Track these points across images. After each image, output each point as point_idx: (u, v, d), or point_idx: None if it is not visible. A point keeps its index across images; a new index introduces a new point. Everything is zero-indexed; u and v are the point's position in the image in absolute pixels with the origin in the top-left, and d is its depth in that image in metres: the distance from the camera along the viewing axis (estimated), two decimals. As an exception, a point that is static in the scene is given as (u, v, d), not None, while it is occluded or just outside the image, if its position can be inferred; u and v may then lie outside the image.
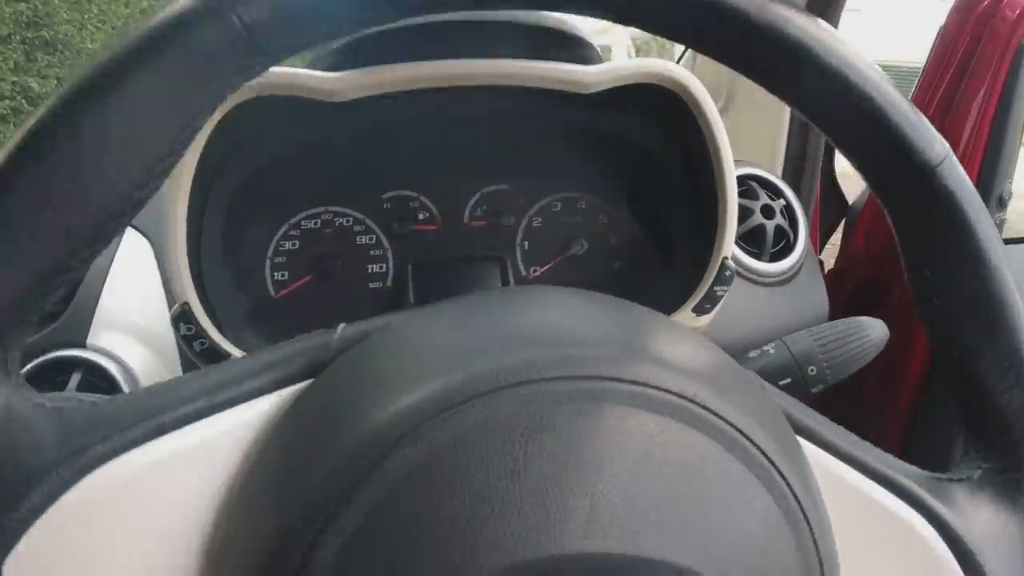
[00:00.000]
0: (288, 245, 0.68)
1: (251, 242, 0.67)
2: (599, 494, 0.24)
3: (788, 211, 0.75)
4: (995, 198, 0.95)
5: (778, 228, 0.73)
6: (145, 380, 0.64)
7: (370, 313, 0.66)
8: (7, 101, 4.58)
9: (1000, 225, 0.97)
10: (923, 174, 0.30)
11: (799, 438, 0.31)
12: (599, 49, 0.62)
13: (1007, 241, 1.16)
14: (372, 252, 0.69)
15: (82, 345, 0.64)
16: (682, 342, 0.30)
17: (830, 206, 1.11)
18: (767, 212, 0.73)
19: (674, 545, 0.24)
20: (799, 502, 0.26)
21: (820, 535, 0.27)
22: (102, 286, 0.66)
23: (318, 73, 0.52)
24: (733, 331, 0.69)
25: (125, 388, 0.63)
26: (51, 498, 0.25)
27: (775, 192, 0.76)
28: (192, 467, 0.27)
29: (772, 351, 0.50)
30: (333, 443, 0.25)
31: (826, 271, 1.13)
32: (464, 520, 0.23)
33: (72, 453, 0.26)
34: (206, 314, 0.56)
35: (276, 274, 0.67)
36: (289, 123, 0.59)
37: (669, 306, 0.63)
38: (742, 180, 0.74)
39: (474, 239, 0.70)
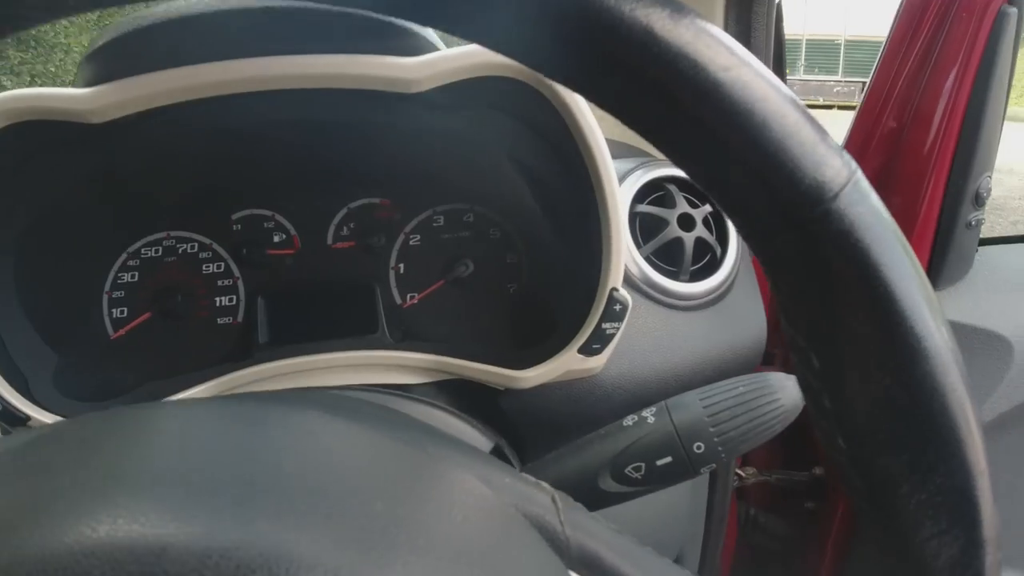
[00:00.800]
0: (127, 277, 0.59)
1: (80, 278, 0.58)
2: None
3: (716, 220, 0.65)
4: (970, 195, 0.84)
5: (700, 241, 0.63)
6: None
7: (218, 355, 0.57)
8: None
9: (976, 226, 0.86)
10: (814, 208, 0.18)
11: None
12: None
13: (1003, 240, 1.04)
14: (220, 282, 0.60)
15: None
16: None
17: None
18: (685, 223, 0.63)
19: None
20: None
21: None
22: None
23: (67, 91, 0.43)
24: (641, 367, 0.59)
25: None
26: None
27: (699, 196, 0.65)
28: None
29: (651, 420, 0.40)
30: None
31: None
32: None
33: None
34: (0, 373, 0.48)
35: (115, 311, 0.59)
36: (67, 149, 0.49)
37: (561, 341, 0.53)
38: (658, 184, 0.64)
39: (339, 264, 0.60)
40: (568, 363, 0.51)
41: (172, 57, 0.43)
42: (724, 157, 0.18)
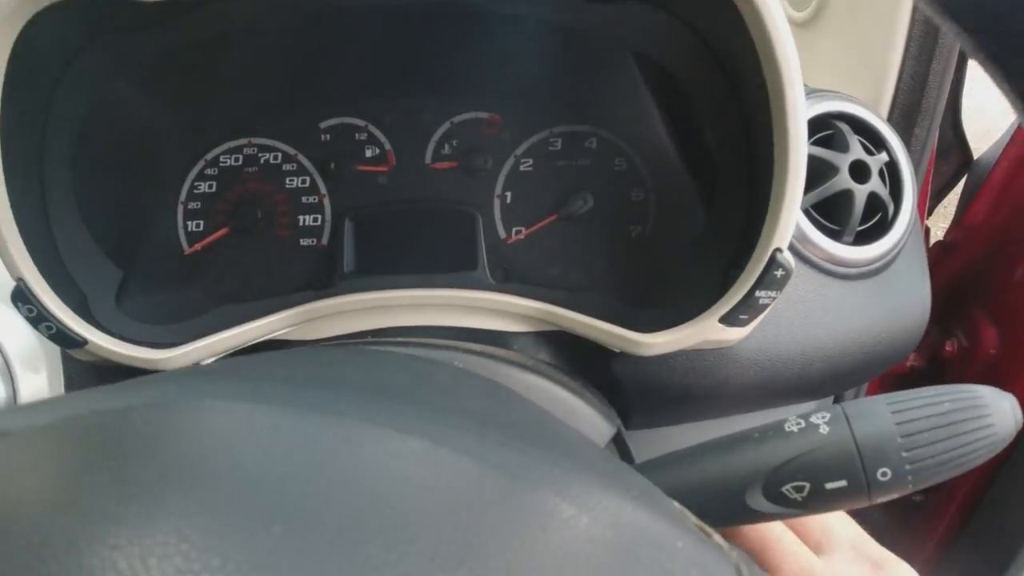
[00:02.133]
0: (204, 187, 0.53)
1: (157, 185, 0.52)
2: None
3: (891, 171, 0.53)
4: None
5: (872, 197, 0.51)
6: (17, 359, 0.51)
7: (300, 279, 0.51)
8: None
9: None
10: None
11: None
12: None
13: None
14: (304, 199, 0.53)
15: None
16: None
17: (947, 158, 0.84)
18: (858, 172, 0.51)
19: None
20: None
21: None
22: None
23: None
24: (785, 342, 0.49)
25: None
26: None
27: (875, 142, 0.54)
28: None
29: (825, 429, 0.30)
30: None
31: (931, 243, 0.88)
32: None
33: None
34: (55, 291, 0.42)
35: (189, 224, 0.53)
36: (132, 32, 0.42)
37: (696, 304, 0.43)
38: (826, 121, 0.53)
39: (437, 187, 0.52)
40: (705, 332, 0.42)
41: None
42: None
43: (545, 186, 0.51)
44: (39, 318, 0.42)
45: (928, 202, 0.88)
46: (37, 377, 0.52)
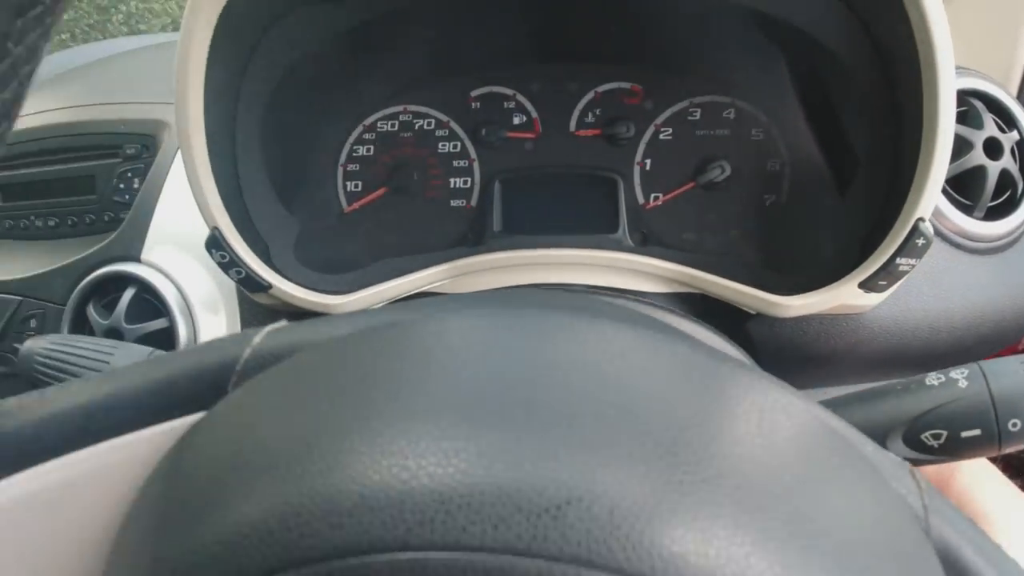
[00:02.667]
0: (362, 151, 0.58)
1: (318, 149, 0.57)
2: None
3: (1022, 149, 0.54)
4: None
5: (1004, 173, 0.53)
6: (199, 302, 0.58)
7: (451, 237, 0.55)
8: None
9: None
10: None
11: None
12: None
13: None
14: (456, 163, 0.57)
15: (136, 259, 0.58)
16: (782, 462, 0.16)
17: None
18: (991, 149, 0.52)
19: None
20: None
21: None
22: (157, 200, 0.59)
23: None
24: (914, 311, 0.51)
25: (175, 310, 0.57)
26: None
27: (1007, 120, 0.55)
28: (58, 511, 0.21)
29: (963, 383, 0.33)
30: (194, 533, 0.17)
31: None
32: None
33: None
34: (243, 239, 0.48)
35: (349, 184, 0.58)
36: (326, 4, 0.47)
37: (831, 270, 0.46)
38: (961, 97, 0.54)
39: (581, 153, 0.56)
40: (844, 296, 0.44)
41: None
42: None
43: (684, 154, 0.54)
44: (230, 263, 0.48)
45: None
46: (215, 318, 0.58)
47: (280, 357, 0.21)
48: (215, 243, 0.47)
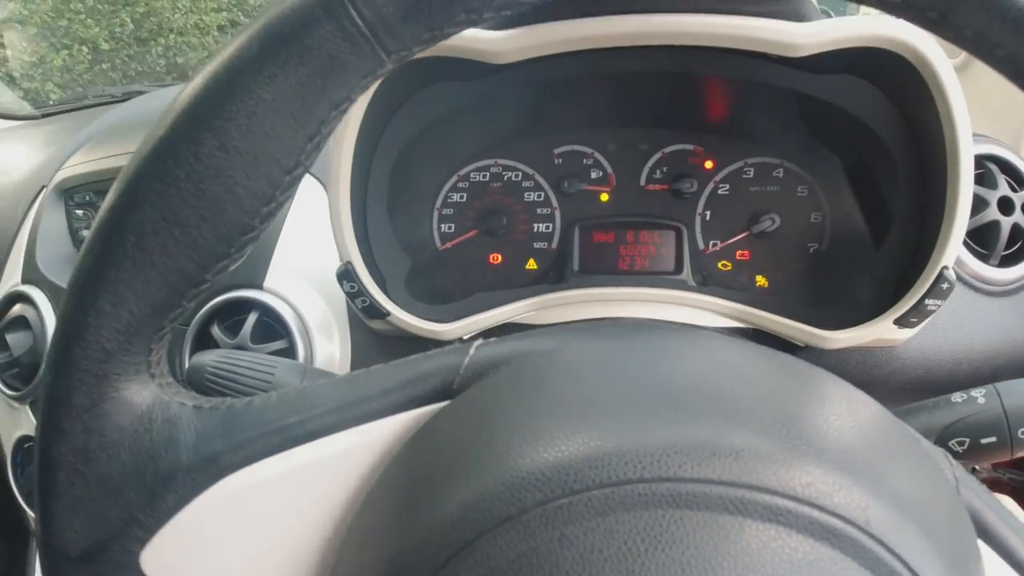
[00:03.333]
0: (456, 197, 0.66)
1: (420, 194, 0.66)
2: None
3: (1031, 205, 0.63)
4: None
5: (1015, 227, 0.61)
6: (315, 326, 0.66)
7: (534, 275, 0.64)
8: (224, 13, 4.94)
9: None
10: None
11: (983, 544, 0.26)
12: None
13: None
14: (539, 210, 0.66)
15: (259, 287, 0.67)
16: (862, 431, 0.24)
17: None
18: (1005, 206, 0.61)
19: None
20: None
21: None
22: (279, 232, 0.68)
23: (482, 33, 0.48)
24: (939, 345, 0.59)
25: (295, 332, 0.65)
26: (183, 500, 0.26)
27: (1019, 180, 0.63)
28: (314, 483, 0.28)
29: (982, 400, 0.42)
30: (439, 500, 0.23)
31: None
32: None
33: (205, 459, 0.26)
34: (368, 272, 0.56)
35: (443, 226, 0.67)
36: (456, 80, 0.56)
37: (868, 309, 0.54)
38: (978, 161, 0.62)
39: (650, 204, 0.64)
40: (881, 332, 0.53)
41: (571, 8, 0.48)
42: None
43: (739, 207, 0.63)
44: (357, 293, 0.56)
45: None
46: (330, 343, 0.67)
47: (491, 365, 0.29)
48: (347, 275, 0.55)
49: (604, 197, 0.65)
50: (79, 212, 0.85)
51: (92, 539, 0.26)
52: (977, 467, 1.00)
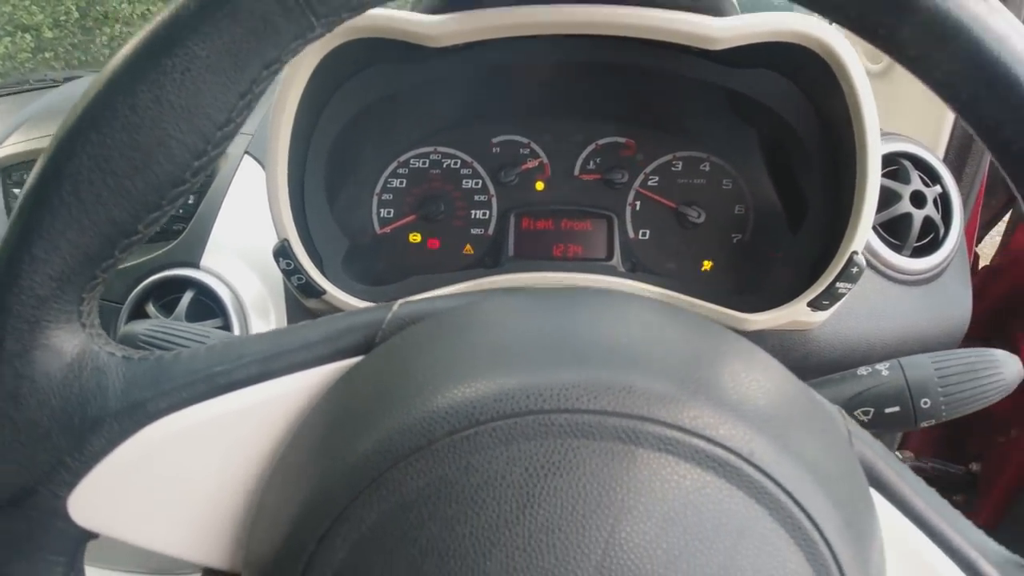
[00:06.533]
0: (396, 183, 0.68)
1: (359, 178, 0.67)
2: (616, 543, 0.21)
3: (943, 201, 0.66)
4: None
5: (927, 220, 0.65)
6: (251, 306, 0.67)
7: (470, 260, 0.65)
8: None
9: None
10: None
11: (875, 493, 0.28)
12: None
13: None
14: (477, 197, 0.67)
15: (195, 266, 0.67)
16: (754, 379, 0.26)
17: (995, 193, 0.97)
18: (917, 200, 0.64)
19: None
20: None
21: None
22: (218, 212, 0.69)
23: (417, 16, 0.50)
24: (851, 330, 0.62)
25: (231, 311, 0.66)
26: (110, 444, 0.27)
27: (931, 176, 0.67)
28: (239, 429, 0.28)
29: (885, 372, 0.44)
30: (355, 440, 0.25)
31: (980, 267, 1.00)
32: (467, 549, 0.22)
33: (132, 405, 0.27)
34: (305, 251, 0.57)
35: (382, 211, 0.68)
36: (395, 63, 0.57)
37: (785, 294, 0.57)
38: (893, 158, 0.66)
39: (583, 193, 0.66)
40: (795, 314, 0.55)
41: None
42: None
43: (668, 198, 0.65)
44: (293, 271, 0.57)
45: (978, 231, 1.01)
46: (265, 323, 0.67)
47: (412, 320, 0.31)
48: (283, 252, 0.56)
49: (540, 186, 0.67)
50: (16, 191, 0.83)
51: (20, 484, 0.27)
52: (900, 456, 1.04)
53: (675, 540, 0.22)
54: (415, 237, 0.67)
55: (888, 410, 0.44)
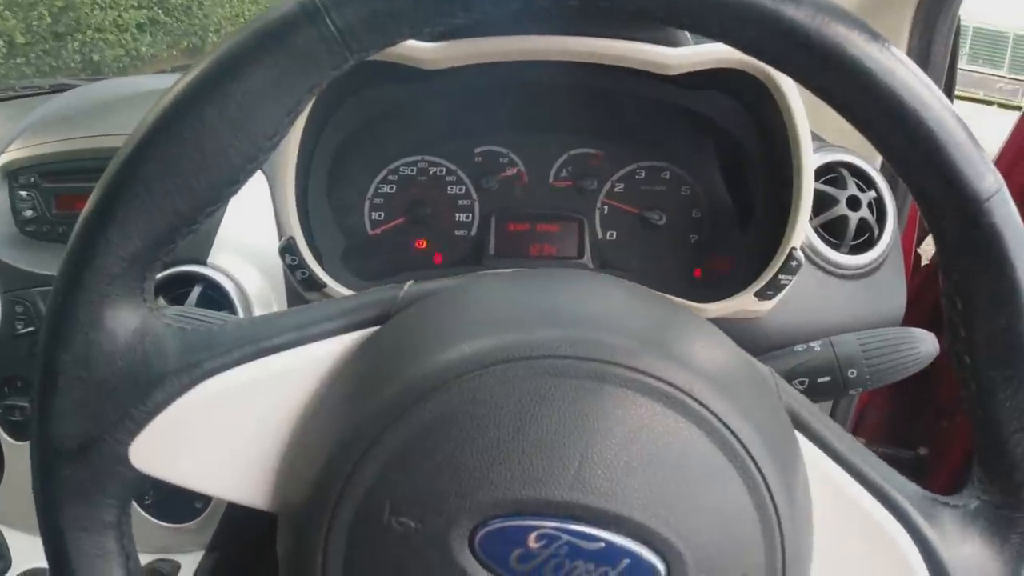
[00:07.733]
0: (386, 188, 0.74)
1: (354, 184, 0.73)
2: (589, 456, 0.28)
3: (877, 204, 0.75)
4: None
5: (862, 221, 0.73)
6: (255, 299, 0.73)
7: (455, 258, 0.72)
8: (144, 11, 4.86)
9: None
10: (970, 207, 0.30)
11: (802, 437, 0.33)
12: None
13: None
14: (461, 202, 0.74)
15: (203, 263, 0.73)
16: (699, 340, 0.33)
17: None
18: (852, 203, 0.72)
19: (647, 509, 0.28)
20: (772, 496, 0.29)
21: (789, 530, 0.29)
22: (224, 213, 0.74)
23: (416, 43, 0.57)
24: (797, 318, 0.70)
25: (237, 304, 0.72)
26: (170, 398, 0.32)
27: (867, 183, 0.75)
28: (280, 386, 0.33)
29: (818, 348, 0.52)
30: (382, 386, 0.30)
31: (922, 265, 1.10)
32: (474, 463, 0.28)
33: (190, 365, 0.32)
34: (308, 248, 0.63)
35: (374, 214, 0.74)
36: (392, 83, 0.64)
37: (735, 286, 0.65)
38: (832, 167, 0.74)
39: (557, 199, 0.74)
40: (743, 303, 0.63)
41: (494, 29, 0.57)
42: (923, 156, 0.30)
43: (632, 203, 0.73)
44: (297, 266, 0.63)
45: (917, 233, 1.10)
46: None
47: (421, 297, 0.36)
48: (288, 249, 0.62)
49: (518, 192, 0.74)
50: (23, 193, 0.88)
51: (88, 435, 0.31)
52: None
53: (634, 454, 0.28)
54: (404, 238, 0.74)
55: (820, 380, 0.52)
